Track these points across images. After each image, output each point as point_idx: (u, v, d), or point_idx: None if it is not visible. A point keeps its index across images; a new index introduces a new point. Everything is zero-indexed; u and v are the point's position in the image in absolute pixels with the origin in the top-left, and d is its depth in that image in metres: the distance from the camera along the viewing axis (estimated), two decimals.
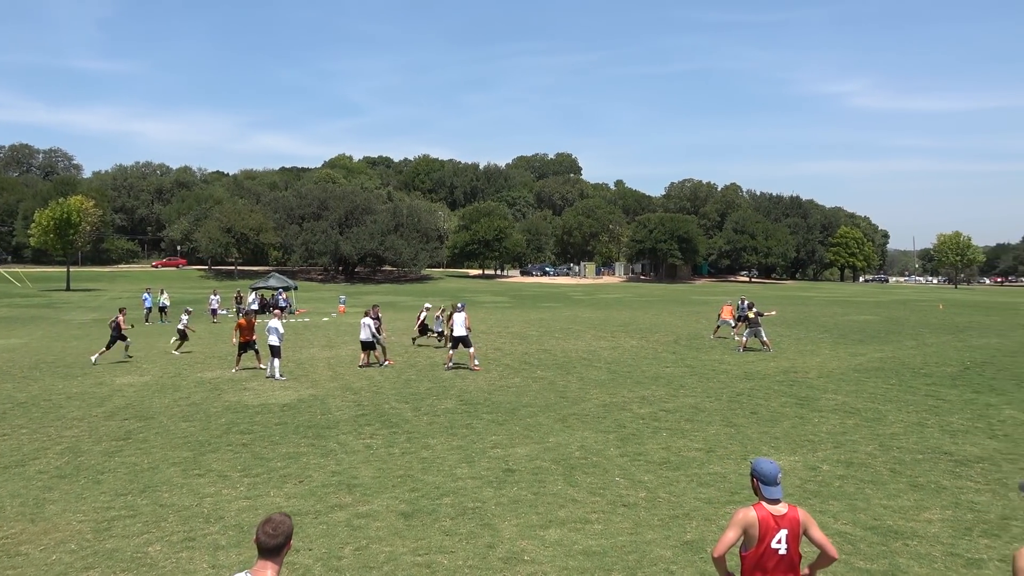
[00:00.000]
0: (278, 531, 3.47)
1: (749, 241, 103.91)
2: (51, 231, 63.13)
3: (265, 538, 3.44)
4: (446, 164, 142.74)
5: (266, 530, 3.45)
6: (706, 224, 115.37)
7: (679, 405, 14.06)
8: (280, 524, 3.49)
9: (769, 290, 79.83)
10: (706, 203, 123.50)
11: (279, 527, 3.48)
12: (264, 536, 3.44)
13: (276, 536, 3.46)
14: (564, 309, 44.89)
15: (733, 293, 70.05)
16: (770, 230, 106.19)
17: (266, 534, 3.44)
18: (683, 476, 9.39)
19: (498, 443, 11.19)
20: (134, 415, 13.40)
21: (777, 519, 4.18)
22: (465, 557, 6.89)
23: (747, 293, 69.79)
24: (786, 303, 52.03)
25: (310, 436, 11.71)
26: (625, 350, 22.86)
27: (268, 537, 3.44)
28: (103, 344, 21.23)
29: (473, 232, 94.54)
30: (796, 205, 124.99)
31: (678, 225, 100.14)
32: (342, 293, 53.12)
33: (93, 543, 7.32)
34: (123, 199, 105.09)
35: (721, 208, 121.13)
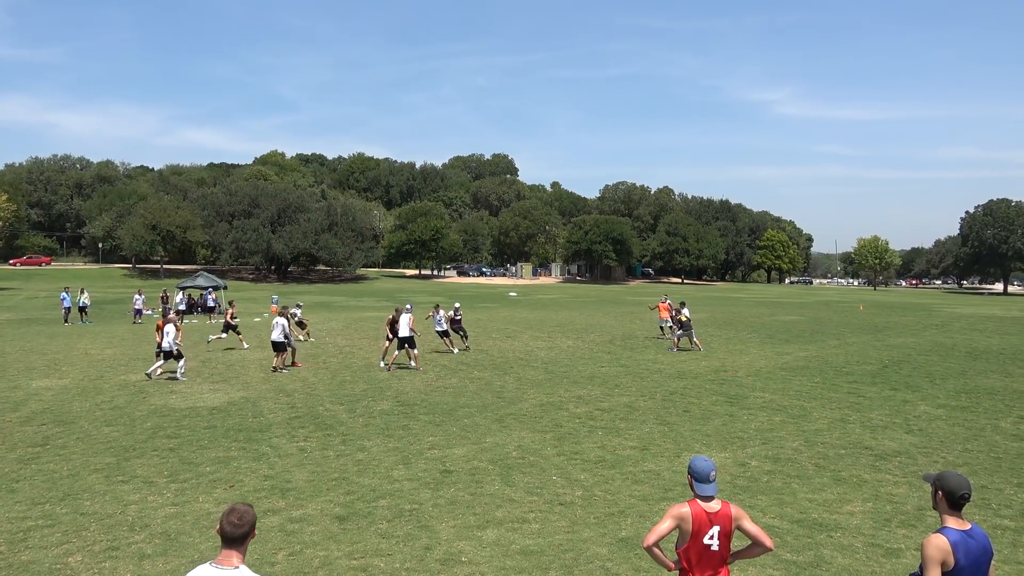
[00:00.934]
0: (243, 520, 3.45)
1: (681, 243, 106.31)
2: None
3: (230, 528, 3.42)
4: (381, 163, 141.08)
5: (231, 520, 3.43)
6: (640, 226, 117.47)
7: (614, 404, 14.27)
8: (244, 514, 3.46)
9: (700, 291, 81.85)
10: (640, 206, 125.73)
11: (243, 516, 3.46)
12: (229, 527, 3.42)
13: (241, 526, 3.44)
14: (501, 310, 44.98)
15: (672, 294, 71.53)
16: (701, 233, 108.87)
17: (231, 524, 3.42)
18: (618, 474, 9.54)
19: (435, 444, 11.14)
20: (52, 420, 12.78)
21: (711, 516, 4.28)
22: (402, 560, 6.83)
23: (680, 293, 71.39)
24: (716, 304, 53.47)
25: (241, 440, 11.40)
26: (561, 350, 23.07)
27: (233, 527, 3.42)
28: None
29: (409, 232, 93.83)
30: (726, 209, 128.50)
31: (613, 227, 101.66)
32: (274, 293, 51.90)
33: (7, 555, 6.95)
34: (39, 193, 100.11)
35: (655, 211, 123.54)
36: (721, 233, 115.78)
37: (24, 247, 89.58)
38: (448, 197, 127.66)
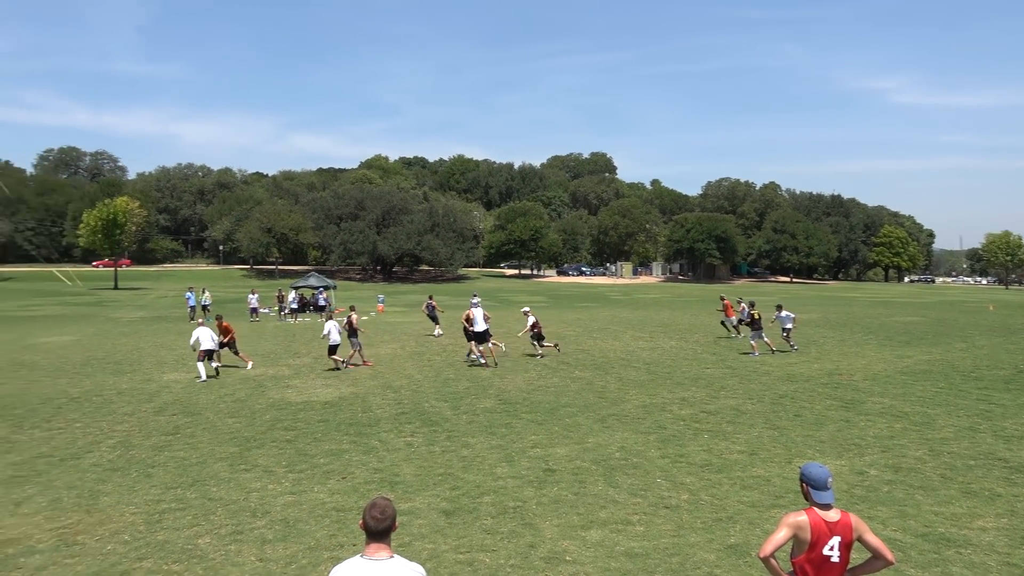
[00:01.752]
0: (385, 514, 3.57)
1: (789, 241, 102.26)
2: (99, 231, 64.89)
3: (374, 523, 3.54)
4: (481, 164, 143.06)
5: (373, 515, 3.55)
6: (744, 224, 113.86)
7: (720, 407, 13.91)
8: (385, 508, 3.58)
9: (810, 290, 78.46)
10: (744, 202, 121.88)
11: (385, 510, 3.57)
12: (372, 521, 3.54)
13: (384, 520, 3.55)
14: (601, 309, 44.71)
15: (773, 294, 68.99)
16: (811, 230, 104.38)
17: (374, 519, 3.54)
18: (726, 479, 9.29)
19: (537, 443, 11.20)
20: (182, 411, 13.71)
21: (830, 525, 4.09)
22: (507, 556, 6.92)
23: (788, 293, 68.68)
24: (828, 304, 51.13)
25: (352, 433, 11.86)
26: (664, 351, 22.69)
27: (376, 521, 3.54)
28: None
29: (509, 232, 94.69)
30: (837, 204, 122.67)
31: (716, 225, 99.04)
32: (380, 292, 53.64)
33: (145, 534, 7.51)
34: (167, 200, 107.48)
35: (760, 207, 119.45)
36: (833, 230, 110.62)
37: (154, 250, 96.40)
38: (547, 197, 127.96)
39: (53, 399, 14.89)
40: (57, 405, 14.27)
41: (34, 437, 11.72)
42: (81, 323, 34.02)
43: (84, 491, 8.94)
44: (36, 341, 25.98)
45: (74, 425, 12.55)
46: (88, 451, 10.83)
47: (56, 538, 7.42)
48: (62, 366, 19.50)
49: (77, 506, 8.39)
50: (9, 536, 7.47)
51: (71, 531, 7.61)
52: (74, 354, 22.05)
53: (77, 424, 12.62)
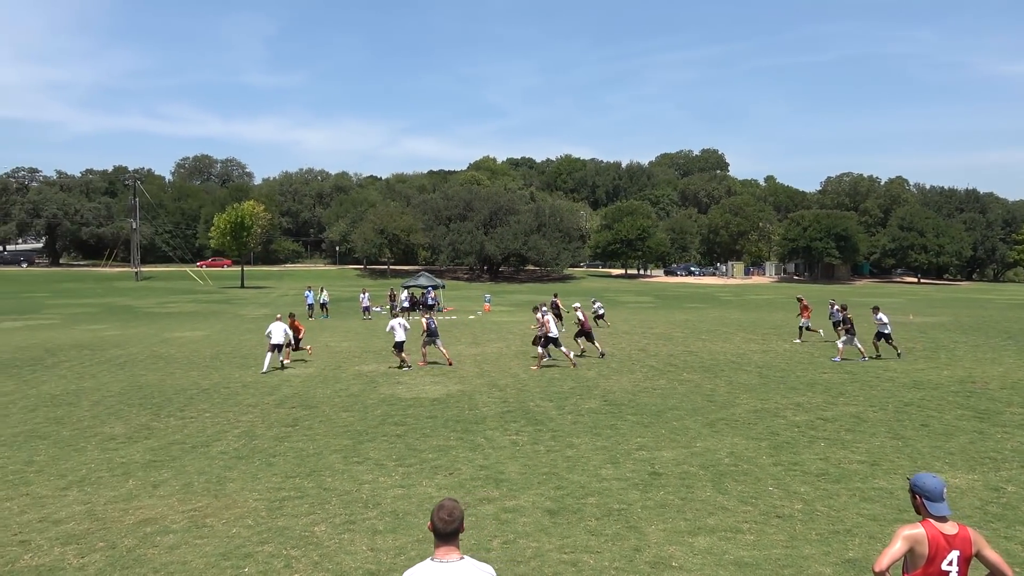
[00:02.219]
0: (453, 516, 3.58)
1: (917, 239, 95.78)
2: (227, 233, 69.25)
3: (442, 525, 3.56)
4: (587, 163, 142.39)
5: (442, 516, 3.57)
6: (867, 221, 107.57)
7: (838, 414, 13.24)
8: (453, 510, 3.60)
9: (940, 292, 73.28)
10: (867, 198, 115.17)
11: (453, 512, 3.59)
12: (440, 523, 3.57)
13: (452, 522, 3.57)
14: (711, 310, 43.52)
15: (897, 295, 64.91)
16: (941, 227, 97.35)
17: (442, 521, 3.56)
18: (844, 489, 8.84)
19: (643, 445, 11.05)
20: (300, 404, 14.43)
21: (948, 539, 3.85)
22: (611, 558, 6.86)
23: (916, 294, 64.46)
24: (960, 306, 47.58)
25: (459, 430, 12.10)
26: (777, 354, 21.82)
27: (444, 523, 3.56)
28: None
29: (615, 231, 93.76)
30: (973, 199, 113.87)
31: (835, 222, 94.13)
32: (487, 292, 54.44)
33: (267, 520, 7.96)
34: (289, 203, 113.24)
35: (884, 204, 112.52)
36: (967, 227, 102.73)
37: (276, 251, 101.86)
38: (655, 195, 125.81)
39: (186, 390, 16.04)
40: (190, 395, 15.35)
41: (169, 425, 12.66)
42: (211, 319, 36.43)
43: (212, 477, 9.57)
44: (171, 336, 28.05)
45: (204, 415, 13.46)
46: (216, 439, 11.59)
47: (188, 519, 7.98)
48: (194, 359, 20.95)
49: (206, 491, 9.00)
50: (148, 516, 8.11)
51: (201, 514, 8.17)
52: (205, 348, 23.63)
53: (207, 414, 13.54)
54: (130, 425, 12.64)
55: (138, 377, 17.83)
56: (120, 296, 56.74)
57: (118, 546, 7.26)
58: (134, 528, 7.74)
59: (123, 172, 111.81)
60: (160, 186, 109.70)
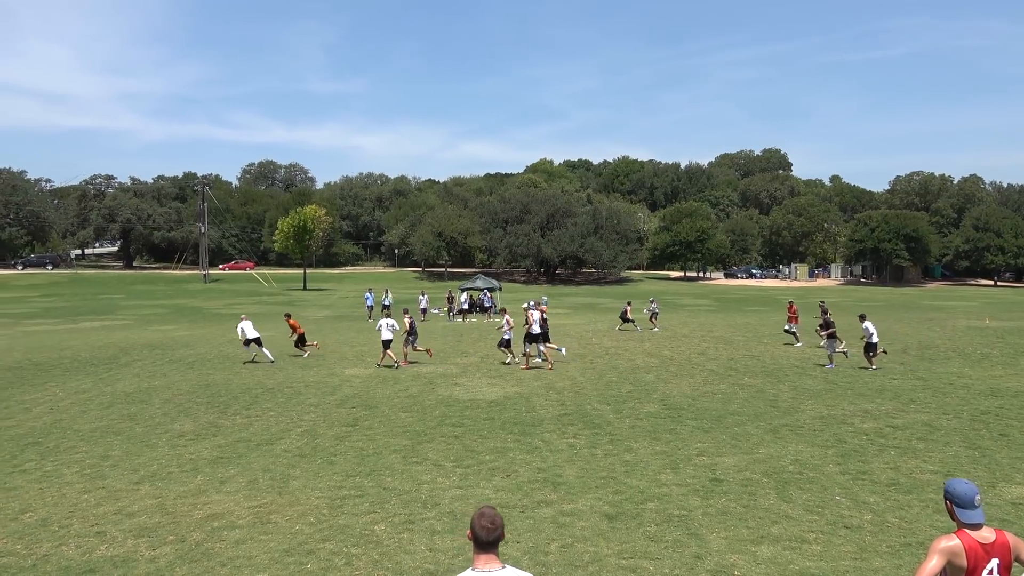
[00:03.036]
0: (495, 524, 3.51)
1: (993, 240, 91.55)
2: (291, 237, 71.07)
3: (484, 533, 3.49)
4: (645, 165, 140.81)
5: (483, 524, 3.49)
6: (939, 221, 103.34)
7: (909, 421, 12.74)
8: (495, 518, 3.51)
9: (1019, 295, 69.87)
10: (939, 198, 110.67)
11: (495, 521, 3.51)
12: (482, 532, 3.49)
13: (494, 530, 3.49)
14: (773, 313, 42.48)
15: (972, 299, 62.17)
16: (1021, 227, 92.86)
17: (484, 529, 3.49)
18: (916, 500, 8.49)
19: (704, 451, 10.84)
20: (361, 404, 14.67)
21: (987, 547, 3.67)
22: (671, 565, 6.74)
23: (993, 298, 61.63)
24: None
25: (516, 432, 12.10)
26: (844, 359, 21.14)
27: (487, 532, 3.48)
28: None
29: (674, 233, 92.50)
30: None
31: (905, 223, 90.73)
32: (544, 294, 54.42)
33: (328, 518, 8.10)
34: (349, 207, 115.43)
35: (958, 203, 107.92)
36: None
37: (337, 254, 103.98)
38: (715, 196, 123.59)
39: (251, 389, 16.48)
40: (255, 395, 15.77)
41: (236, 423, 13.03)
42: (275, 320, 37.36)
43: (276, 474, 9.80)
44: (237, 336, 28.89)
45: (268, 413, 13.81)
46: (280, 438, 11.87)
47: (253, 515, 8.19)
48: (258, 359, 21.51)
49: (270, 488, 9.22)
50: (215, 511, 8.35)
51: (265, 510, 8.37)
52: (269, 348, 24.24)
53: (271, 413, 13.88)
54: (198, 422, 13.07)
55: (206, 376, 18.42)
56: (189, 298, 58.80)
57: (187, 539, 7.50)
58: (202, 522, 7.98)
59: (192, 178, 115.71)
60: (227, 191, 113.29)
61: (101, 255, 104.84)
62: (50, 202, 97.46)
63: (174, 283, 75.29)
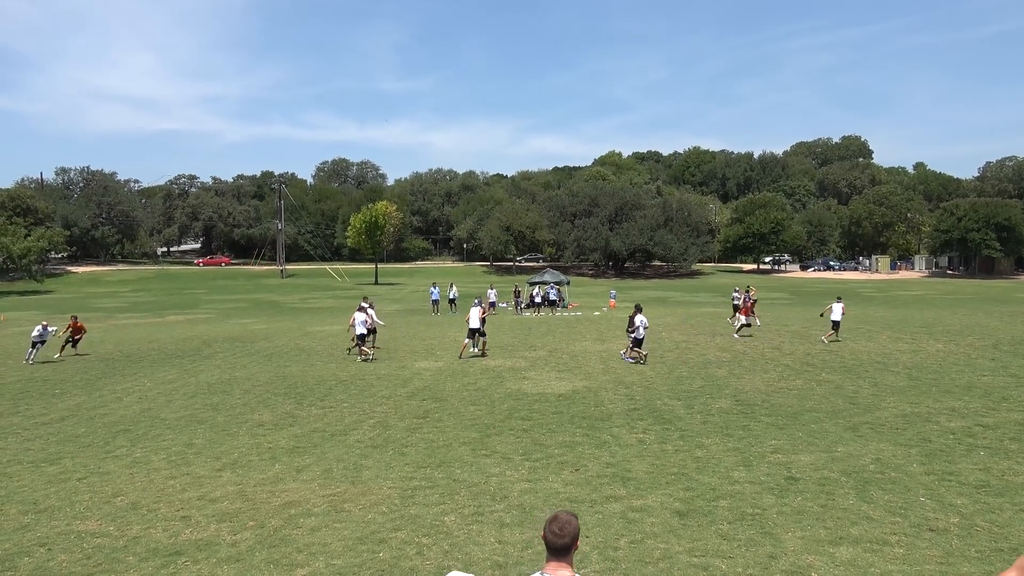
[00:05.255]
0: (564, 531, 3.33)
1: None
2: (363, 233, 72.65)
3: (552, 537, 3.33)
4: (717, 155, 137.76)
5: (552, 529, 3.34)
6: None
7: (1001, 420, 12.08)
8: (567, 524, 3.34)
9: None
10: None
11: (565, 527, 3.34)
12: (551, 535, 3.34)
13: (563, 536, 3.33)
14: (852, 307, 40.94)
15: None
16: None
17: (553, 533, 3.33)
18: (1008, 504, 8.05)
19: (778, 448, 10.55)
20: (430, 396, 14.88)
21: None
22: (744, 565, 6.60)
23: None
24: None
25: (584, 427, 12.05)
26: (928, 354, 20.22)
27: (555, 536, 3.33)
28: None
29: (747, 225, 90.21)
30: None
31: (996, 211, 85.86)
32: (612, 288, 53.96)
33: (400, 508, 8.25)
34: (419, 203, 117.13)
35: None
36: None
37: (407, 249, 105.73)
38: (790, 187, 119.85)
39: (326, 380, 16.94)
40: (329, 386, 16.20)
41: (311, 413, 13.42)
42: (348, 314, 38.21)
43: (350, 464, 10.05)
44: (312, 329, 29.75)
45: (342, 405, 14.16)
46: (353, 428, 12.16)
47: (327, 504, 8.42)
48: (332, 352, 22.10)
49: (344, 477, 9.46)
50: (292, 499, 8.62)
51: (339, 499, 8.59)
52: (342, 342, 24.85)
53: (344, 404, 14.23)
54: (276, 413, 13.51)
55: (283, 368, 19.03)
56: (267, 292, 60.84)
57: (266, 525, 7.77)
58: (280, 509, 8.25)
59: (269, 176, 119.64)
60: (302, 189, 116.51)
61: (185, 251, 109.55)
62: (138, 202, 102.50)
63: (253, 278, 78.04)
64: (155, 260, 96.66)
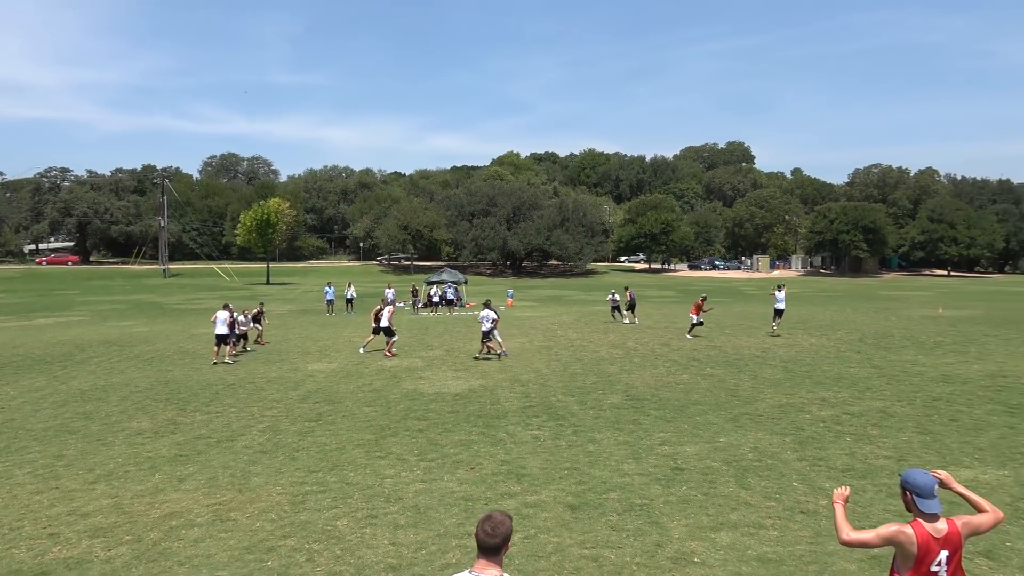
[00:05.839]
0: (496, 531, 3.34)
1: (947, 231, 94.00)
2: (253, 230, 69.99)
3: (484, 536, 3.33)
4: (611, 157, 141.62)
5: (485, 528, 3.34)
6: (896, 213, 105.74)
7: (865, 409, 13.05)
8: (500, 524, 3.35)
9: (971, 284, 71.92)
10: (896, 190, 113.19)
11: (498, 527, 3.34)
12: (483, 534, 3.33)
13: (494, 536, 3.33)
14: (735, 304, 43.12)
15: (927, 288, 63.78)
16: (973, 219, 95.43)
17: (485, 532, 3.33)
18: (870, 485, 8.71)
19: (666, 440, 10.97)
20: (324, 399, 14.54)
21: (939, 540, 3.79)
22: (633, 554, 6.82)
23: (946, 287, 63.30)
24: (992, 299, 46.67)
25: (480, 425, 12.11)
26: (803, 348, 21.57)
27: (486, 535, 3.33)
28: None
29: (639, 225, 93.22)
30: (1006, 190, 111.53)
31: (863, 214, 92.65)
32: (510, 287, 54.44)
33: (290, 514, 8.02)
34: (313, 200, 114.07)
35: (914, 195, 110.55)
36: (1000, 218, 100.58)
37: (301, 247, 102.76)
38: (679, 189, 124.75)
39: (212, 385, 16.23)
40: (215, 391, 15.53)
41: (195, 420, 12.82)
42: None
43: (237, 471, 9.67)
44: (198, 331, 28.39)
45: (229, 410, 13.61)
46: (241, 434, 11.72)
47: (212, 513, 8.08)
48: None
49: (231, 485, 9.10)
50: (173, 509, 8.22)
51: (225, 507, 8.26)
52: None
53: (232, 409, 13.69)
54: (157, 420, 12.83)
55: (165, 373, 18.09)
56: (148, 293, 57.62)
57: (144, 539, 7.37)
58: (160, 521, 7.85)
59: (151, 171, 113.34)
60: (188, 184, 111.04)
61: (56, 250, 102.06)
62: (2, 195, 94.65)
63: (133, 278, 73.70)
64: (21, 259, 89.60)
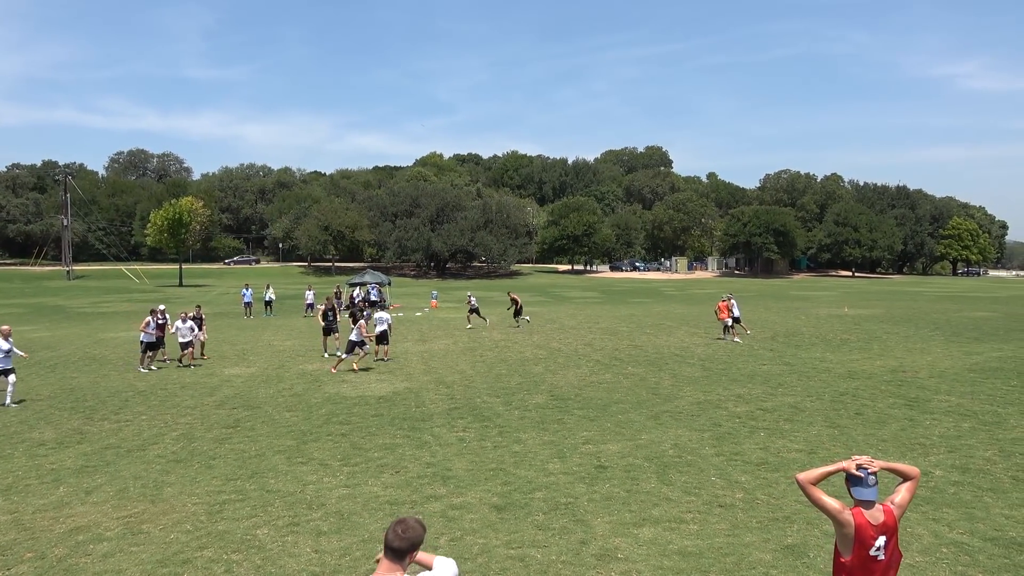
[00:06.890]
0: (406, 535, 3.34)
1: (851, 234, 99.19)
2: (165, 230, 67.24)
3: (393, 538, 3.34)
4: (535, 160, 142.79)
5: (396, 530, 3.35)
6: (804, 216, 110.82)
7: (777, 404, 13.60)
8: (411, 529, 3.36)
9: (873, 285, 76.03)
10: (804, 195, 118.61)
11: (408, 531, 3.35)
12: (392, 535, 3.34)
13: (403, 538, 3.33)
14: (655, 305, 44.22)
15: (833, 289, 67.05)
16: (874, 222, 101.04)
17: (395, 533, 3.34)
18: (783, 478, 9.07)
19: (589, 439, 11.14)
20: (242, 404, 14.09)
21: (876, 527, 3.98)
22: (558, 552, 6.89)
23: (851, 288, 66.70)
24: (892, 299, 49.47)
25: (405, 428, 11.99)
26: (719, 346, 22.30)
27: (396, 537, 3.34)
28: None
29: (562, 227, 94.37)
30: (903, 195, 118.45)
31: (774, 218, 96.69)
32: (434, 288, 54.16)
33: (206, 524, 7.74)
34: (229, 199, 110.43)
35: (821, 200, 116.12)
36: (898, 222, 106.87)
37: (216, 248, 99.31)
38: (600, 192, 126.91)
39: (121, 392, 15.50)
40: (125, 398, 14.83)
41: (103, 428, 12.21)
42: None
43: (149, 481, 9.26)
44: (106, 336, 27.08)
45: (140, 418, 13.02)
46: (153, 443, 11.23)
47: (123, 526, 7.71)
48: (129, 360, 20.25)
49: (142, 496, 8.70)
50: (80, 524, 7.80)
51: (136, 520, 7.90)
52: None
53: (143, 416, 13.10)
54: (61, 430, 12.15)
55: (70, 380, 17.16)
56: (50, 296, 54.52)
57: (48, 556, 6.97)
58: (65, 536, 7.43)
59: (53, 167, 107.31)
60: (93, 181, 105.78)
61: None
62: None
63: (33, 280, 69.58)
64: None
